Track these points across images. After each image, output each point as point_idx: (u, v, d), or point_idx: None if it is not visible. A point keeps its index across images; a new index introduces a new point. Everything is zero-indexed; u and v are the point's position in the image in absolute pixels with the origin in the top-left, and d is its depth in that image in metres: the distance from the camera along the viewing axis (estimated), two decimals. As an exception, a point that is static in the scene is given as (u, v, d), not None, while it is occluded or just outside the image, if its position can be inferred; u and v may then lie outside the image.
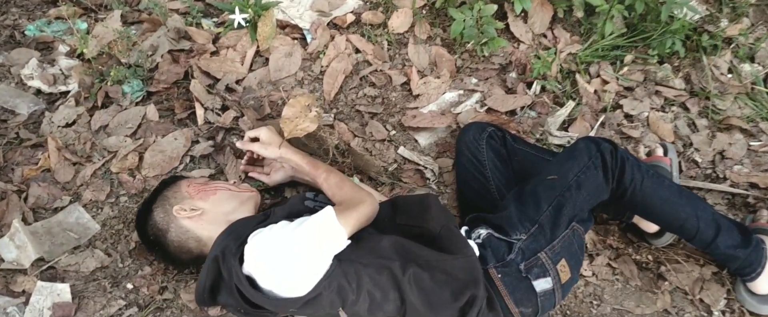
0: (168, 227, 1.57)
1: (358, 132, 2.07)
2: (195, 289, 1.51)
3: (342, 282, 1.38)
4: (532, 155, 1.93)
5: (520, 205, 1.62)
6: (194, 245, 1.58)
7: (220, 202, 1.64)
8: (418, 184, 2.01)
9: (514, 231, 1.58)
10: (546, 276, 1.54)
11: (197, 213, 1.58)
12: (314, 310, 1.40)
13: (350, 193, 1.62)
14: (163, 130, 2.06)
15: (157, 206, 1.61)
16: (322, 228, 1.40)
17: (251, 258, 1.35)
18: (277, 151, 1.74)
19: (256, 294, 1.35)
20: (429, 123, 2.08)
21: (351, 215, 1.46)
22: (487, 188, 1.88)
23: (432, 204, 1.64)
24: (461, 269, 1.47)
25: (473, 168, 1.90)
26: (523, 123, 2.12)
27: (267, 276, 1.34)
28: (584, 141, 1.67)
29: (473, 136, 1.92)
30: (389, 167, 2.03)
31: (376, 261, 1.44)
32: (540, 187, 1.63)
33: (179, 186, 1.66)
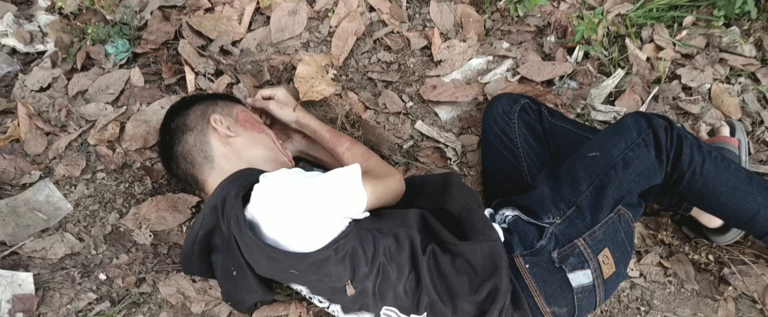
0: (194, 127, 1.43)
1: (369, 103, 1.80)
2: (183, 249, 1.33)
3: (356, 249, 1.22)
4: (571, 133, 1.65)
5: (555, 185, 1.41)
6: (200, 161, 1.41)
7: (257, 144, 1.47)
8: (437, 165, 1.74)
9: (546, 213, 1.37)
10: (584, 267, 1.31)
11: (230, 136, 1.43)
12: (318, 277, 1.21)
13: (378, 166, 1.45)
14: (149, 96, 1.82)
15: (203, 104, 1.49)
16: (344, 184, 1.23)
17: (260, 198, 1.19)
18: (293, 114, 1.57)
19: (256, 242, 1.17)
20: (452, 94, 1.80)
21: (376, 185, 1.30)
22: (517, 170, 1.61)
23: (453, 183, 1.43)
24: (482, 256, 1.27)
25: (502, 146, 1.63)
26: (562, 95, 1.82)
27: (275, 221, 1.18)
28: (633, 116, 1.43)
29: (503, 109, 1.65)
30: (404, 144, 1.76)
31: (397, 229, 1.29)
32: (579, 165, 1.41)
33: (234, 105, 1.53)
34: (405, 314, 1.29)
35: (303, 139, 1.67)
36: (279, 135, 1.69)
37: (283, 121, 1.61)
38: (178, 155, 1.43)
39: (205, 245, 1.32)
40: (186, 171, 1.43)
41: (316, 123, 1.59)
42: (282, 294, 1.56)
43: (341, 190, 1.22)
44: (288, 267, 1.20)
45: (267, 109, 1.62)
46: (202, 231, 1.29)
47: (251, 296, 1.35)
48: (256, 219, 1.20)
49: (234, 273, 1.30)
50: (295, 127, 1.62)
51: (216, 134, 1.42)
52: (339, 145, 1.54)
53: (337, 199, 1.21)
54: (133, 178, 1.70)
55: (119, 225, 1.62)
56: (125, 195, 1.67)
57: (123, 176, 1.70)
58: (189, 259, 1.34)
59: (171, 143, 1.44)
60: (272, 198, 1.18)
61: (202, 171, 1.41)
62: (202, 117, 1.45)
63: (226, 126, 1.44)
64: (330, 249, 1.19)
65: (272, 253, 1.18)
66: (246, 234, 1.18)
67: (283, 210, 1.17)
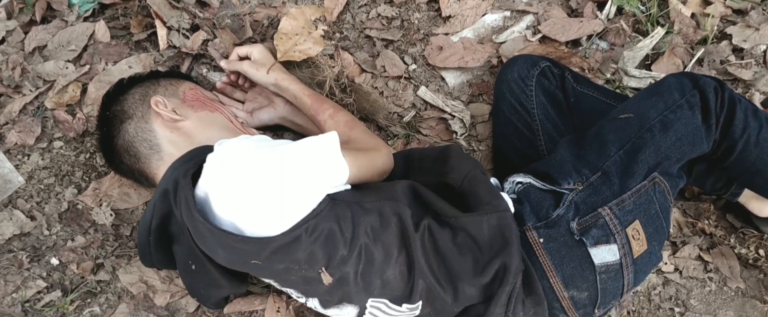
0: (133, 114, 1.23)
1: (366, 65, 1.57)
2: (138, 241, 1.15)
3: (332, 228, 1.01)
4: (599, 102, 1.42)
5: (577, 149, 1.24)
6: (145, 152, 1.21)
7: (211, 125, 1.27)
8: (441, 138, 1.51)
9: (565, 178, 1.19)
10: (610, 241, 1.13)
11: (176, 120, 1.22)
12: (286, 265, 1.00)
13: (363, 137, 1.27)
14: (115, 54, 1.60)
15: (142, 86, 1.29)
16: (319, 153, 1.03)
17: (214, 169, 0.98)
18: (270, 76, 1.38)
19: (207, 227, 0.96)
20: (461, 57, 1.55)
21: (358, 157, 1.12)
22: (533, 146, 1.39)
23: (452, 154, 1.24)
24: (489, 229, 1.08)
25: (516, 117, 1.41)
26: (590, 57, 1.57)
27: (231, 198, 0.96)
28: (675, 76, 1.26)
29: (520, 73, 1.41)
30: (405, 114, 1.53)
31: (381, 204, 1.08)
32: (608, 128, 1.23)
33: (181, 82, 1.34)
34: (396, 304, 1.09)
35: (285, 104, 1.46)
36: (258, 100, 1.47)
37: (260, 83, 1.41)
38: (120, 149, 1.23)
39: (162, 234, 1.12)
40: (132, 166, 1.23)
41: (296, 86, 1.38)
42: (258, 286, 1.36)
43: (316, 159, 1.02)
44: (248, 256, 0.99)
45: (241, 71, 1.41)
46: (155, 220, 1.09)
47: (216, 291, 1.16)
48: (208, 197, 0.99)
49: (193, 267, 1.11)
50: (273, 90, 1.41)
51: (160, 119, 1.22)
52: (321, 112, 1.33)
53: (311, 170, 1.01)
54: (94, 148, 1.49)
55: (77, 202, 1.42)
56: (85, 168, 1.47)
57: (83, 145, 1.49)
58: (146, 252, 1.16)
59: (110, 135, 1.25)
60: (229, 168, 0.96)
61: (150, 164, 1.21)
62: (142, 101, 1.25)
63: (171, 109, 1.24)
64: (299, 230, 0.98)
65: (228, 240, 0.97)
66: (196, 219, 0.97)
67: (243, 184, 0.96)
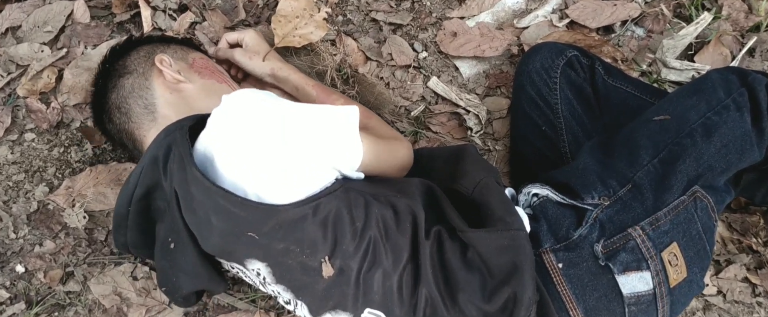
0: (134, 69, 1.11)
1: (371, 52, 1.40)
2: (114, 211, 1.02)
3: (341, 213, 0.89)
4: (633, 98, 1.26)
5: (605, 156, 1.08)
6: (138, 111, 1.08)
7: (214, 95, 1.07)
8: (453, 136, 1.35)
9: (588, 191, 1.03)
10: (641, 268, 0.98)
11: (179, 81, 1.09)
12: (286, 245, 0.88)
13: (380, 127, 1.16)
14: (95, 37, 1.45)
15: (151, 45, 1.17)
16: (337, 123, 0.91)
17: (221, 121, 0.87)
18: (266, 65, 1.24)
19: (205, 185, 0.84)
20: (477, 44, 1.38)
21: (377, 143, 1.00)
22: (555, 147, 1.23)
23: (467, 156, 1.11)
24: (498, 250, 0.92)
25: (538, 114, 1.25)
26: (624, 46, 1.39)
27: (235, 150, 0.85)
28: (720, 71, 1.11)
29: (543, 63, 1.25)
30: (413, 108, 1.36)
31: (396, 199, 0.96)
32: (641, 131, 1.07)
33: (191, 50, 1.21)
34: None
35: (282, 95, 1.30)
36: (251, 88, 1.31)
37: (254, 74, 1.26)
38: (112, 105, 1.11)
39: (145, 208, 0.98)
40: (121, 126, 1.10)
41: (297, 76, 1.24)
42: (244, 299, 1.22)
43: (331, 130, 0.90)
44: (247, 226, 0.86)
45: (232, 60, 1.27)
46: (139, 189, 0.95)
47: (190, 281, 1.01)
48: (211, 152, 0.87)
49: (172, 246, 0.97)
50: (270, 81, 1.26)
51: (161, 78, 1.10)
52: (329, 103, 1.19)
53: (324, 139, 0.89)
54: (69, 141, 1.35)
55: (47, 202, 1.29)
56: (58, 164, 1.33)
57: (58, 138, 1.35)
58: (122, 226, 1.01)
59: (104, 89, 1.12)
60: (240, 119, 0.85)
61: (141, 125, 1.08)
62: (147, 58, 1.13)
63: (176, 69, 1.11)
64: (307, 207, 0.86)
65: (225, 203, 0.84)
66: (191, 174, 0.84)
67: (252, 135, 0.84)
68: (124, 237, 1.04)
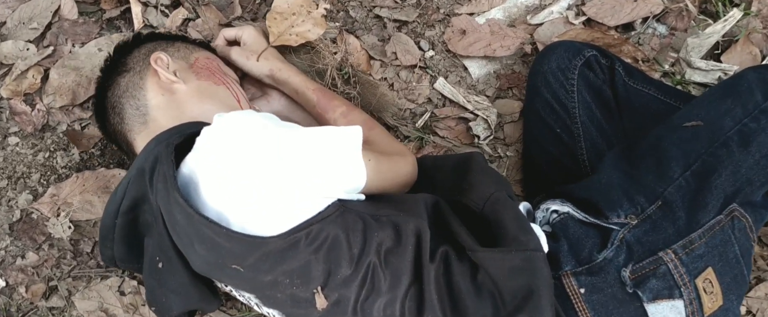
0: (132, 67, 1.06)
1: (375, 51, 1.32)
2: (101, 223, 0.95)
3: (338, 239, 0.81)
4: (657, 101, 1.18)
5: (630, 167, 0.99)
6: (130, 113, 1.03)
7: (209, 98, 1.05)
8: (462, 141, 1.27)
9: (613, 209, 0.94)
10: (673, 296, 0.89)
11: (172, 82, 1.03)
12: (274, 277, 0.82)
13: (383, 140, 1.07)
14: (83, 34, 1.38)
15: (155, 42, 1.12)
16: (339, 146, 0.84)
17: (209, 143, 0.81)
18: (265, 66, 1.16)
19: (188, 213, 0.78)
20: (487, 43, 1.29)
21: (380, 160, 0.92)
22: (572, 154, 1.15)
23: (474, 166, 1.00)
24: (513, 273, 0.83)
25: (553, 118, 1.17)
26: (645, 45, 1.30)
27: (221, 179, 0.79)
28: (757, 70, 1.01)
29: (559, 63, 1.16)
30: (418, 111, 1.28)
31: (399, 218, 0.87)
32: (669, 139, 0.98)
33: (197, 50, 1.14)
34: None
35: (282, 97, 1.22)
36: (249, 91, 1.24)
37: (252, 74, 1.19)
38: (109, 104, 1.06)
39: (132, 221, 0.92)
40: (115, 127, 1.05)
41: (298, 78, 1.16)
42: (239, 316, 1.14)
43: (332, 154, 0.83)
44: (231, 258, 0.80)
45: (229, 58, 1.19)
46: (127, 201, 0.89)
47: (181, 301, 0.94)
48: (195, 177, 0.80)
49: (160, 265, 0.90)
50: (269, 82, 1.18)
51: (155, 79, 1.04)
52: (330, 110, 1.11)
53: (325, 165, 0.82)
54: (55, 146, 1.28)
55: (31, 211, 1.22)
56: (43, 170, 1.26)
57: (43, 142, 1.28)
58: (108, 239, 0.95)
59: (105, 87, 1.07)
60: (227, 143, 0.78)
61: (132, 129, 1.02)
62: (146, 56, 1.07)
63: (173, 70, 1.04)
64: (299, 234, 0.79)
65: (209, 232, 0.77)
66: (174, 199, 0.78)
67: (241, 164, 0.78)
68: (110, 251, 0.97)
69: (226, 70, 1.16)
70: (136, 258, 0.97)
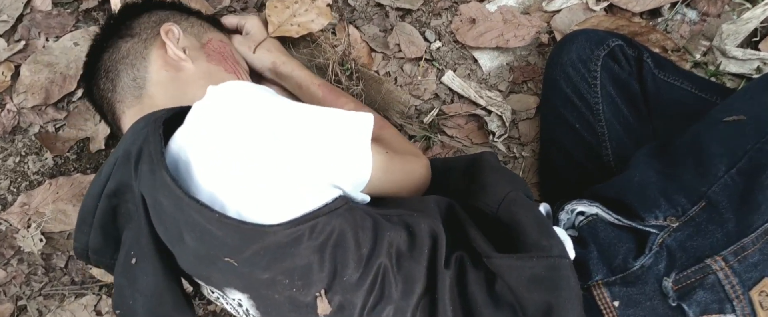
0: (137, 33, 0.95)
1: (377, 43, 1.20)
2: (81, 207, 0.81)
3: (345, 235, 0.70)
4: (690, 96, 1.07)
5: (664, 166, 0.87)
6: (125, 82, 0.92)
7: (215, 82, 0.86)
8: (473, 140, 1.15)
9: (650, 209, 0.82)
10: (724, 310, 0.77)
11: (181, 59, 0.92)
12: (272, 275, 0.70)
13: (396, 140, 0.98)
14: (58, 27, 1.27)
15: (169, 12, 1.01)
16: (345, 133, 0.73)
17: (203, 116, 0.69)
18: (268, 58, 1.07)
19: (177, 194, 0.65)
20: (500, 32, 1.18)
21: (391, 157, 0.83)
22: (596, 154, 1.04)
23: (485, 166, 0.90)
24: (534, 283, 0.73)
25: (574, 115, 1.05)
26: (673, 32, 1.18)
27: (216, 154, 0.67)
28: None
29: (580, 54, 1.05)
30: (425, 107, 1.17)
31: (411, 218, 0.76)
32: (709, 134, 0.87)
33: (211, 29, 1.04)
34: None
35: (283, 93, 1.13)
36: None
37: (253, 67, 1.09)
38: (103, 65, 0.95)
39: (113, 208, 0.79)
40: (104, 94, 0.94)
41: (302, 73, 1.07)
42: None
43: (339, 138, 0.72)
44: (223, 250, 0.68)
45: None
46: (112, 183, 0.76)
47: (150, 305, 0.79)
48: (186, 155, 0.69)
49: (133, 261, 0.77)
50: (271, 76, 1.09)
51: (162, 50, 0.93)
52: (337, 107, 0.99)
53: (330, 151, 0.71)
54: (27, 150, 1.17)
55: (-1, 222, 1.11)
56: (13, 175, 1.15)
57: (13, 146, 1.17)
58: (87, 223, 0.81)
59: (101, 46, 0.96)
60: (224, 117, 0.67)
61: (123, 99, 0.92)
62: (155, 25, 0.96)
63: (183, 47, 0.94)
64: (302, 226, 0.66)
65: (202, 218, 0.65)
66: (160, 180, 0.66)
67: (240, 139, 0.67)
68: (86, 237, 0.83)
69: (239, 58, 1.06)
70: (110, 252, 0.84)
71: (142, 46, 0.94)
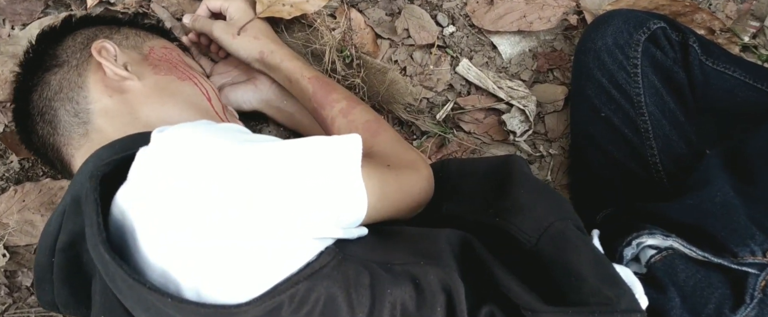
0: (66, 61, 0.81)
1: (383, 29, 1.07)
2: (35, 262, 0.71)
3: (335, 298, 0.55)
4: (745, 87, 0.97)
5: (746, 181, 0.75)
6: (65, 118, 0.78)
7: (171, 97, 0.83)
8: (492, 137, 1.02)
9: (742, 242, 0.69)
10: None
11: (123, 78, 0.79)
12: None
13: (391, 147, 0.82)
14: (25, 13, 1.14)
15: (95, 29, 0.87)
16: (331, 165, 0.59)
17: (148, 171, 0.54)
18: (255, 45, 0.93)
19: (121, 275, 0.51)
20: (521, 14, 1.04)
21: (386, 179, 0.68)
22: (639, 155, 0.90)
23: (516, 178, 0.74)
24: None
25: (611, 107, 0.92)
26: (718, 11, 1.05)
27: (164, 227, 0.52)
28: None
29: (616, 38, 0.91)
30: (437, 100, 1.03)
31: (418, 269, 0.60)
32: None
33: (152, 37, 0.91)
34: None
35: (272, 84, 0.99)
36: (232, 73, 1.03)
37: (238, 56, 0.95)
38: (35, 109, 0.81)
39: (73, 259, 0.66)
40: (45, 139, 0.80)
41: (292, 65, 0.92)
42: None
43: (323, 180, 0.57)
44: None
45: (210, 35, 0.96)
46: (64, 236, 0.64)
47: None
48: (129, 220, 0.54)
49: None
50: (258, 67, 0.95)
51: (100, 74, 0.79)
52: (328, 105, 0.87)
53: (314, 196, 0.56)
54: (-11, 153, 1.04)
55: (-43, 235, 0.98)
56: (-26, 182, 1.03)
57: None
58: (45, 280, 0.70)
59: (26, 87, 0.82)
60: (172, 173, 0.53)
61: (69, 140, 0.78)
62: (84, 47, 0.83)
63: (122, 63, 0.81)
64: (279, 297, 0.53)
65: (156, 301, 0.52)
66: (102, 257, 0.52)
67: (193, 199, 0.51)
68: (50, 295, 0.71)
69: (190, 62, 0.93)
70: (82, 302, 0.72)
71: (74, 74, 0.80)
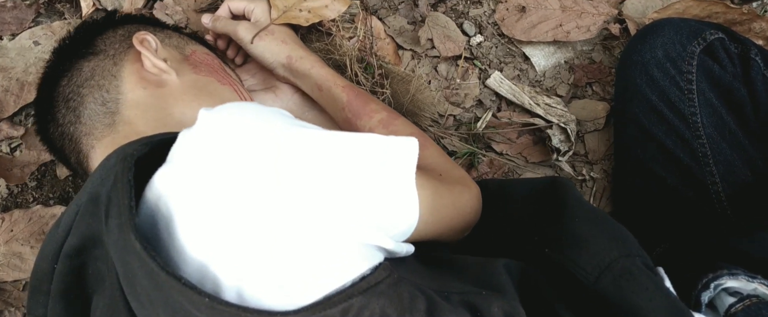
0: (103, 49, 0.75)
1: (404, 39, 0.98)
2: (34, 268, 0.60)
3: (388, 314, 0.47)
4: None
5: None
6: (92, 107, 0.71)
7: (208, 97, 0.76)
8: (527, 159, 0.93)
9: None
10: None
11: (162, 71, 0.73)
12: None
13: (441, 162, 0.76)
14: (15, 22, 1.06)
15: (139, 25, 0.82)
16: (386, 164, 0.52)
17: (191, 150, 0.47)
18: (281, 51, 0.87)
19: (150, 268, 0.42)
20: (557, 23, 0.95)
21: (440, 192, 0.62)
22: (696, 181, 0.82)
23: (572, 203, 0.67)
24: None
25: (662, 128, 0.83)
26: (773, 21, 0.95)
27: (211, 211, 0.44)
28: None
29: (667, 50, 0.83)
30: (466, 117, 0.94)
31: (482, 301, 0.53)
32: None
33: (192, 42, 0.84)
34: None
35: (295, 93, 0.91)
36: (251, 81, 0.95)
37: (262, 61, 0.88)
38: (60, 94, 0.74)
39: (77, 269, 0.56)
40: (65, 129, 0.73)
41: (323, 72, 0.85)
42: None
43: (379, 178, 0.52)
44: None
45: (234, 36, 0.88)
46: (73, 239, 0.55)
47: None
48: (167, 208, 0.46)
49: None
50: (282, 73, 0.88)
51: (137, 65, 0.74)
52: (365, 115, 0.81)
53: (370, 195, 0.50)
54: (-24, 176, 0.95)
55: (-60, 269, 0.89)
56: (-42, 209, 0.93)
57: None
58: (42, 291, 0.58)
59: (56, 73, 0.76)
60: (222, 155, 0.46)
61: (92, 130, 0.71)
62: (124, 38, 0.77)
63: (163, 58, 0.75)
64: (331, 310, 0.45)
65: (186, 301, 0.43)
66: (131, 246, 0.44)
67: (245, 185, 0.45)
68: (43, 309, 0.62)
69: (231, 72, 0.85)
70: None
71: (110, 62, 0.73)
